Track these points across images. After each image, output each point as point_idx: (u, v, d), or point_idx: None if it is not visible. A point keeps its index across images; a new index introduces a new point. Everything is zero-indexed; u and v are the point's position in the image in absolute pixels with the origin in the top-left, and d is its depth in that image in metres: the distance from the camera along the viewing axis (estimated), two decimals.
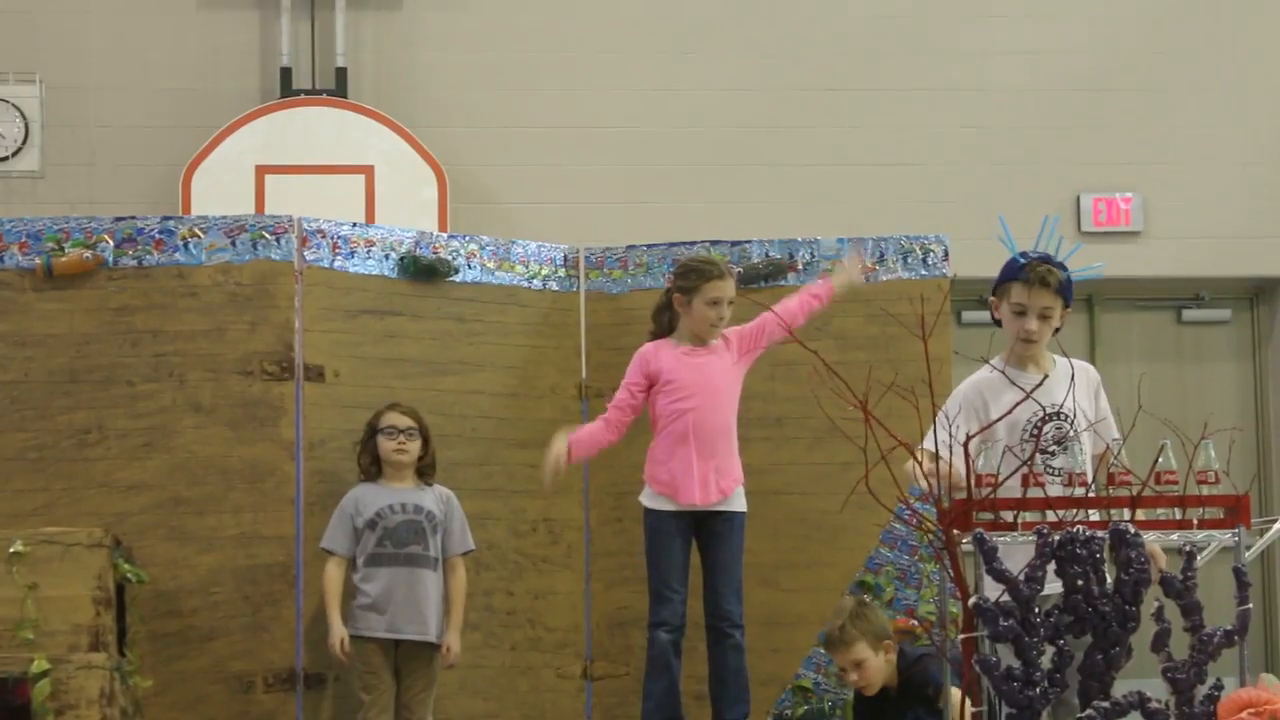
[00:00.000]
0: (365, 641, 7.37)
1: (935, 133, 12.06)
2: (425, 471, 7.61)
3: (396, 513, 7.46)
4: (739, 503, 7.04)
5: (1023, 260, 6.07)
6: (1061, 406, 5.93)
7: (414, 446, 7.54)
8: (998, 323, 6.24)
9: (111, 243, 7.69)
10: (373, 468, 7.55)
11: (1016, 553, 5.06)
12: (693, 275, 7.13)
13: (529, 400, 8.27)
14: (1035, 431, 5.81)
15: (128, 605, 6.98)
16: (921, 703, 6.91)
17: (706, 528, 7.00)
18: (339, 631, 7.36)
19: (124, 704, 6.68)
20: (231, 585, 7.56)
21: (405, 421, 7.53)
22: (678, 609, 6.92)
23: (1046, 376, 5.86)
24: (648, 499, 7.02)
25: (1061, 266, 6.10)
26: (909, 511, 6.30)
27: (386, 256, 8.04)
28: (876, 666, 7.05)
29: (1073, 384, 5.81)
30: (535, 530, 8.20)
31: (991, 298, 6.19)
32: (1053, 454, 5.71)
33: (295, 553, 7.61)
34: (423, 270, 8.07)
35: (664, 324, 7.20)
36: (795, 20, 11.93)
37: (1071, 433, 5.82)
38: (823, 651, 7.89)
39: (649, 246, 8.50)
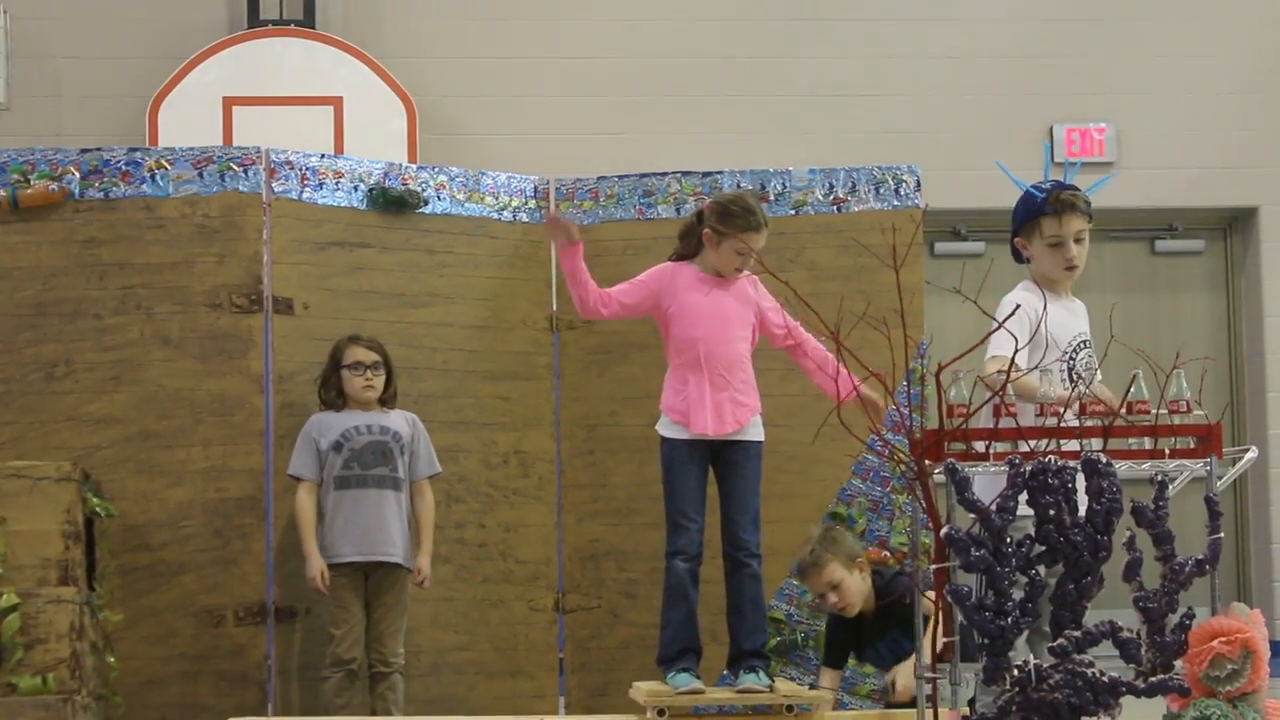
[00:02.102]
0: (335, 573, 7.34)
1: (907, 63, 12.03)
2: (387, 402, 7.56)
3: (363, 434, 7.43)
4: (755, 432, 6.89)
5: (1040, 194, 6.03)
6: (1086, 335, 5.98)
7: (379, 381, 7.50)
8: (1024, 261, 6.17)
9: (78, 175, 7.63)
10: (338, 400, 7.50)
11: (989, 483, 5.05)
12: (731, 220, 6.86)
13: (499, 332, 8.23)
14: (1073, 357, 5.84)
15: (97, 539, 6.95)
16: (900, 624, 6.93)
17: (723, 457, 6.87)
18: (318, 564, 7.33)
19: (94, 638, 6.66)
20: (201, 519, 7.54)
21: (371, 357, 7.48)
22: (694, 538, 6.78)
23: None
24: (663, 427, 6.89)
25: (1074, 189, 6.10)
26: (881, 442, 6.30)
27: (355, 188, 7.99)
28: (853, 586, 7.10)
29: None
30: (506, 463, 8.18)
31: (1017, 239, 6.13)
32: (1085, 380, 5.68)
33: (265, 486, 7.58)
34: (392, 202, 8.02)
35: (690, 247, 7.02)
36: None
37: (1097, 362, 5.87)
38: (795, 583, 7.90)
39: (620, 178, 8.45)
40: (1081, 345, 6.01)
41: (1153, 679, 4.74)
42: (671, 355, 6.91)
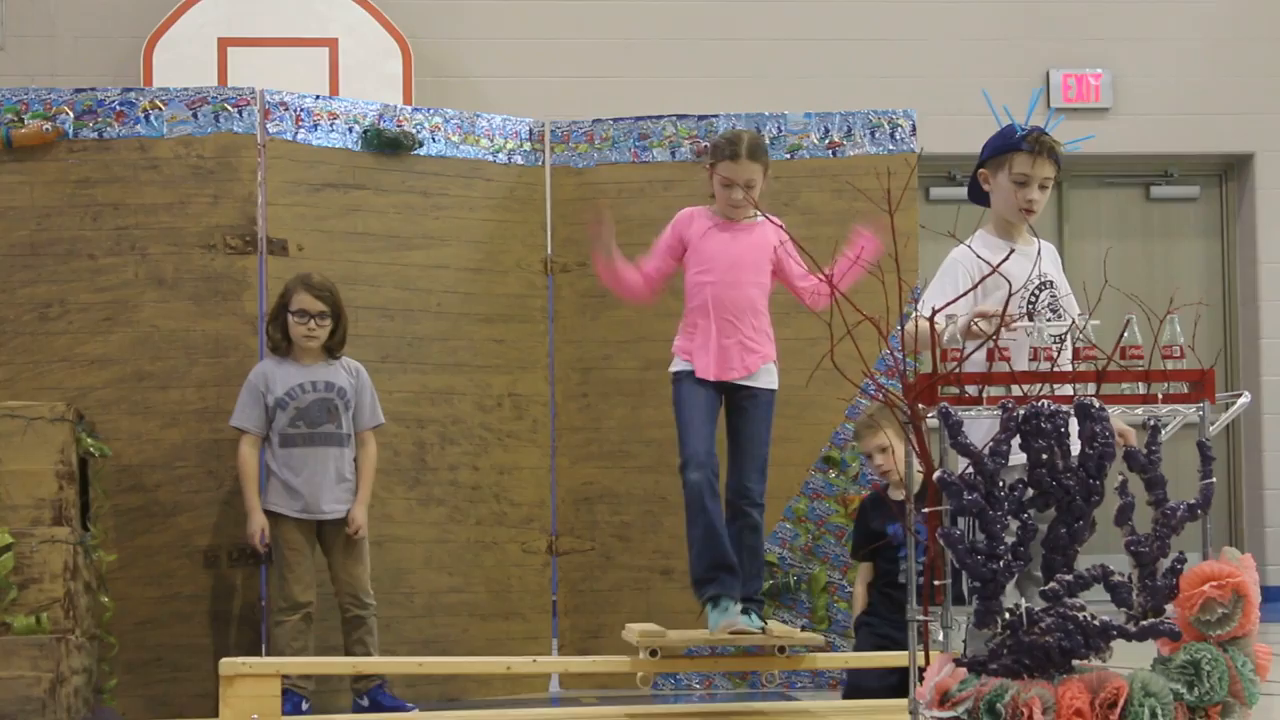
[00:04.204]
0: (284, 519, 7.32)
1: (904, 7, 12.01)
2: (333, 349, 7.46)
3: (308, 392, 7.37)
4: (766, 379, 6.76)
5: (1021, 131, 6.00)
6: (1048, 276, 5.93)
7: (323, 331, 7.38)
8: (981, 197, 6.11)
9: (71, 115, 7.60)
10: (284, 342, 7.41)
11: (982, 427, 5.06)
12: (712, 151, 6.84)
13: (494, 275, 8.23)
14: (1033, 299, 5.80)
15: (91, 480, 6.95)
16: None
17: (733, 402, 6.77)
18: (260, 521, 7.29)
19: (88, 578, 6.68)
20: (195, 460, 7.55)
21: (316, 306, 7.36)
22: (699, 446, 6.60)
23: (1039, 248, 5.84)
24: (674, 365, 6.80)
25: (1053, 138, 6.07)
26: (875, 386, 6.31)
27: (350, 129, 7.97)
28: (901, 455, 7.18)
29: (1040, 258, 5.78)
30: (501, 405, 8.19)
31: (981, 170, 6.07)
32: (1050, 322, 5.66)
33: None
34: (387, 143, 8.01)
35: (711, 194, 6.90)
36: None
37: (1060, 303, 5.83)
38: (790, 526, 7.94)
39: (615, 120, 8.45)
40: (1044, 286, 5.96)
41: (1144, 623, 4.75)
42: (686, 298, 6.83)
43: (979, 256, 5.58)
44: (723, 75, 11.66)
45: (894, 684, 6.97)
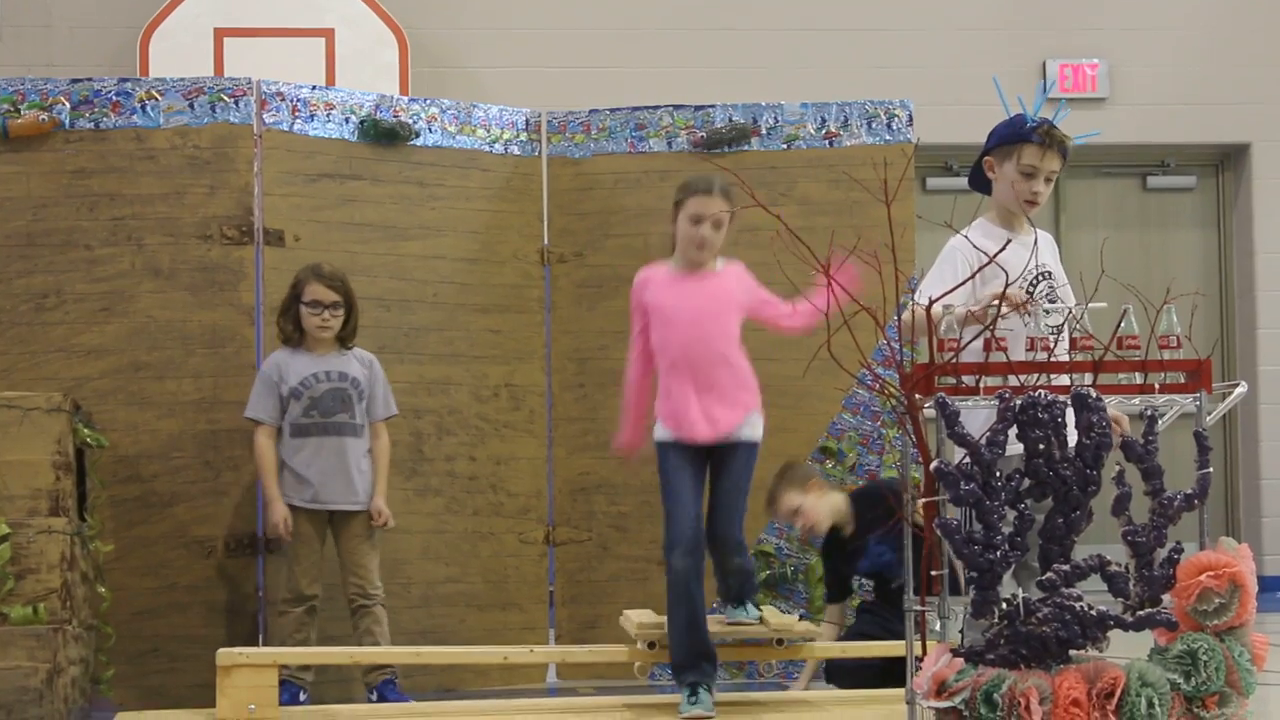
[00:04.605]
0: (294, 510, 7.30)
1: None
2: (345, 339, 7.44)
3: (322, 381, 7.35)
4: (749, 433, 6.54)
5: (1032, 122, 5.98)
6: (1046, 266, 5.94)
7: (336, 321, 7.37)
8: (983, 184, 6.09)
9: (68, 105, 7.60)
10: (295, 334, 7.41)
11: (979, 417, 5.06)
12: (680, 190, 6.62)
13: (491, 265, 8.23)
14: (1031, 289, 5.79)
15: (88, 470, 6.95)
16: (882, 519, 6.95)
17: (716, 455, 6.56)
18: (281, 510, 7.28)
19: (85, 568, 6.67)
20: (192, 450, 7.54)
21: (330, 296, 7.34)
22: (685, 529, 6.40)
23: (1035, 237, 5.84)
24: (657, 432, 6.61)
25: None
26: (871, 376, 6.30)
27: (346, 120, 7.97)
28: (812, 505, 7.36)
29: (1036, 248, 5.79)
30: (497, 395, 8.19)
31: (987, 158, 6.05)
32: (1048, 313, 5.66)
33: None
34: (383, 134, 8.00)
35: (668, 249, 6.73)
36: None
37: (1058, 293, 5.83)
38: None
39: (612, 111, 8.44)
40: (1042, 276, 5.96)
41: (1140, 613, 4.75)
42: (656, 358, 6.61)
43: (975, 246, 5.59)
44: (719, 65, 11.65)
45: (878, 668, 7.00)
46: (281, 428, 7.35)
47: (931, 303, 5.02)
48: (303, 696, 7.18)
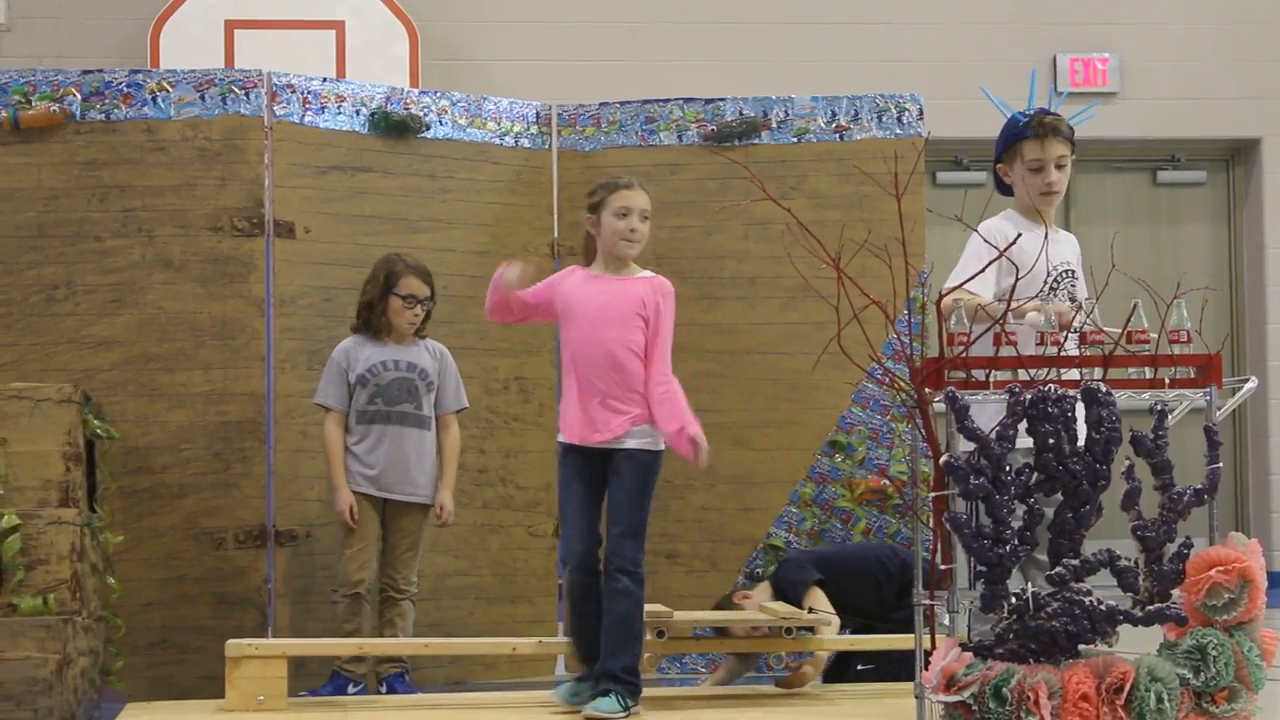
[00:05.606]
0: (354, 496, 7.34)
1: None
2: (420, 330, 7.53)
3: (389, 370, 7.40)
4: (637, 440, 6.31)
5: (1023, 119, 6.01)
6: (1070, 265, 5.97)
7: (423, 315, 7.49)
8: (1006, 189, 6.15)
9: (79, 96, 7.60)
10: (381, 323, 7.41)
11: (989, 412, 5.06)
12: (599, 190, 6.58)
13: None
14: (1054, 284, 5.82)
15: (98, 461, 6.96)
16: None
17: (609, 465, 6.36)
18: (347, 496, 7.31)
19: (94, 559, 6.68)
20: (202, 442, 7.55)
21: (424, 290, 7.44)
22: (574, 545, 6.32)
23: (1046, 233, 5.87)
24: (559, 436, 6.52)
25: (1057, 115, 6.09)
26: (881, 370, 6.31)
27: (357, 112, 7.97)
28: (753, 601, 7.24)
29: (1047, 241, 5.79)
30: (507, 389, 8.19)
31: (999, 165, 6.12)
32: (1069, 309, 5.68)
33: (266, 410, 7.58)
34: (394, 126, 8.00)
35: (590, 253, 6.62)
36: None
37: (1076, 292, 5.86)
38: (795, 510, 7.94)
39: (622, 104, 8.44)
40: (1065, 275, 5.99)
41: (1150, 608, 4.76)
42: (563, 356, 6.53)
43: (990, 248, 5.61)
44: (730, 59, 11.65)
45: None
46: (348, 414, 7.39)
47: (946, 292, 5.04)
48: (351, 689, 7.18)
